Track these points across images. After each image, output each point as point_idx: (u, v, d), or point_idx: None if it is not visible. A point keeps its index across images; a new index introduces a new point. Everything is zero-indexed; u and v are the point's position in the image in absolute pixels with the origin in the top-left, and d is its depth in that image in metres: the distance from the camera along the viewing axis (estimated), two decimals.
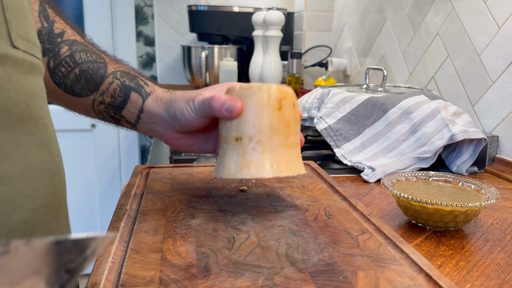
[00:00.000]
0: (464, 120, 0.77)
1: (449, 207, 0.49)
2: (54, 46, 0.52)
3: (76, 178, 2.05)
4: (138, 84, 0.54)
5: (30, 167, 0.33)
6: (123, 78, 0.53)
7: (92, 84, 0.52)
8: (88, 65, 0.52)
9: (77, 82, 0.52)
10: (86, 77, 0.52)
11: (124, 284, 0.36)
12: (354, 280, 0.37)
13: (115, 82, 0.53)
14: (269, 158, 0.45)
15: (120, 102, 0.53)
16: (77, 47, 0.53)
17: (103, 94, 0.53)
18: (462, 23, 0.95)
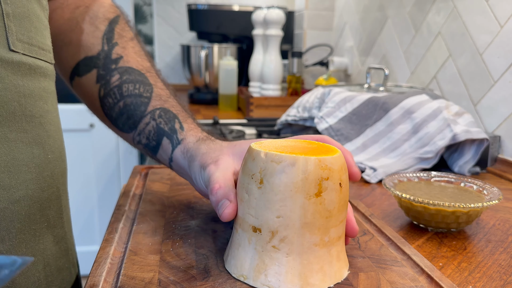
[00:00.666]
0: (466, 120, 0.77)
1: (451, 208, 0.49)
2: (106, 73, 0.50)
3: (74, 178, 2.05)
4: (172, 128, 0.48)
5: (15, 161, 0.36)
6: (159, 119, 0.49)
7: (132, 122, 0.50)
8: (132, 99, 0.49)
9: (121, 116, 0.50)
10: (128, 113, 0.50)
11: (123, 286, 0.35)
12: (356, 281, 0.37)
13: (151, 123, 0.49)
14: (296, 265, 0.34)
15: (153, 146, 0.49)
16: (128, 77, 0.50)
17: (140, 134, 0.50)
18: (463, 22, 0.95)
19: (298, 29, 1.82)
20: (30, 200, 0.38)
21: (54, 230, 0.43)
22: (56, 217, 0.43)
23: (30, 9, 0.38)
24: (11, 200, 0.36)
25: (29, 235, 0.38)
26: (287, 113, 1.02)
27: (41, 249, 0.41)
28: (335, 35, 1.69)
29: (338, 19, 1.66)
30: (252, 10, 1.74)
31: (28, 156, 0.37)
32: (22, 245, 0.38)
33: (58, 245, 0.44)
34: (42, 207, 0.40)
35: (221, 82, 1.55)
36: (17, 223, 0.37)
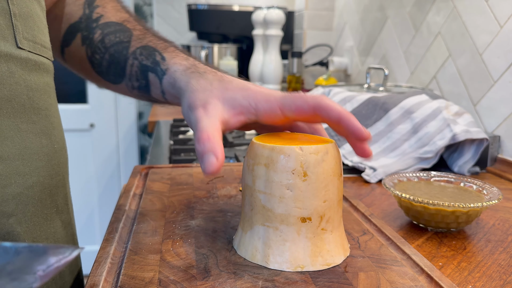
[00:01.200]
0: (466, 120, 0.77)
1: (450, 207, 0.49)
2: (89, 33, 0.51)
3: (75, 178, 2.05)
4: (154, 61, 0.47)
5: (28, 150, 0.38)
6: (141, 56, 0.48)
7: (119, 68, 0.50)
8: (114, 48, 0.50)
9: (109, 68, 0.50)
10: (114, 62, 0.50)
11: (123, 285, 0.35)
12: (355, 281, 0.37)
13: (135, 63, 0.49)
14: (338, 238, 0.39)
15: (144, 86, 0.49)
16: (109, 29, 0.50)
17: (130, 78, 0.50)
18: (463, 22, 0.95)
19: (298, 29, 1.82)
20: (41, 186, 0.40)
21: (61, 216, 0.44)
22: (63, 203, 0.45)
23: (32, 9, 0.40)
24: (25, 185, 0.38)
25: (41, 219, 0.41)
26: None
27: (52, 232, 0.42)
28: (335, 35, 1.70)
29: (338, 19, 1.66)
30: (252, 10, 1.74)
31: (37, 146, 0.39)
32: (36, 228, 0.40)
33: (65, 230, 0.45)
34: (51, 193, 0.42)
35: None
36: (31, 207, 0.39)
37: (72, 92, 2.01)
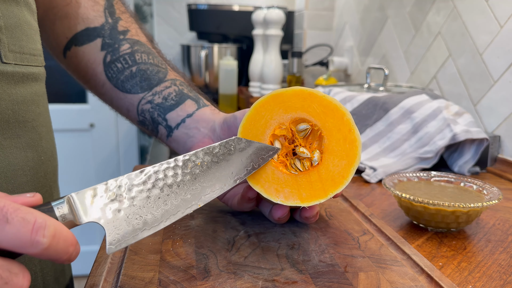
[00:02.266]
0: (466, 120, 0.77)
1: (450, 207, 0.49)
2: (114, 42, 0.51)
3: (75, 178, 2.05)
4: (197, 96, 0.52)
5: (11, 166, 0.38)
6: (182, 86, 0.52)
7: (147, 84, 0.51)
8: (147, 66, 0.51)
9: (131, 79, 0.51)
10: (142, 76, 0.51)
11: (123, 285, 0.35)
12: (355, 281, 0.37)
13: (172, 87, 0.52)
14: None
15: (170, 105, 0.51)
16: (139, 48, 0.52)
17: (155, 94, 0.51)
18: (463, 22, 0.95)
19: (298, 29, 1.82)
20: None
21: None
22: None
23: (21, 18, 0.39)
24: None
25: None
26: None
27: None
28: (335, 35, 1.70)
29: (338, 19, 1.66)
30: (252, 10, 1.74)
31: (22, 160, 0.39)
32: None
33: None
34: None
35: (221, 82, 1.55)
36: None
37: (72, 92, 2.01)
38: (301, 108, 0.41)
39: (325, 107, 0.40)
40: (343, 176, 0.39)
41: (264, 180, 0.40)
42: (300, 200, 0.39)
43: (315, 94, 0.41)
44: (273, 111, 0.41)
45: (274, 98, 0.41)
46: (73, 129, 1.99)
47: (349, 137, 0.40)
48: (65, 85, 2.02)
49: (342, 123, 0.40)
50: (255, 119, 0.41)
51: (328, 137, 0.40)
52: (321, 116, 0.40)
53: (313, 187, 0.39)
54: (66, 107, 1.96)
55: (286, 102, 0.41)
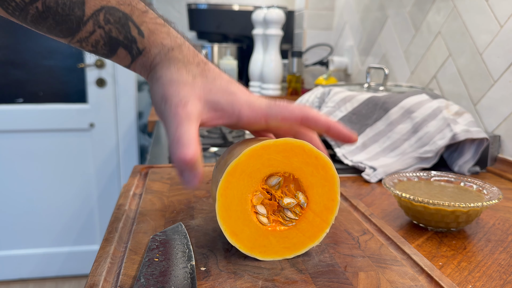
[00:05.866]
0: (466, 120, 0.77)
1: (450, 207, 0.49)
2: None
3: (74, 178, 2.05)
4: (129, 36, 0.40)
5: None
6: (108, 25, 0.39)
7: (65, 28, 0.39)
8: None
9: (42, 20, 0.38)
10: (54, 17, 0.38)
11: (123, 285, 0.35)
12: (355, 281, 0.37)
13: (97, 31, 0.39)
14: None
15: (104, 54, 0.41)
16: None
17: (81, 41, 0.40)
18: (463, 21, 0.95)
19: (298, 28, 1.82)
20: None
21: None
22: None
23: None
24: None
25: None
26: None
27: None
28: (335, 35, 1.69)
29: (338, 19, 1.66)
30: (252, 9, 1.74)
31: None
32: None
33: None
34: None
35: None
36: None
37: (72, 92, 2.01)
38: (261, 165, 0.38)
39: (280, 152, 0.39)
40: (333, 199, 0.41)
41: (273, 248, 0.40)
42: (310, 242, 0.40)
43: (264, 145, 0.38)
44: (238, 184, 0.38)
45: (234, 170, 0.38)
46: (73, 129, 1.99)
47: (318, 163, 0.40)
48: (65, 85, 2.02)
49: (304, 154, 0.39)
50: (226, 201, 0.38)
51: (300, 175, 0.40)
52: (282, 161, 0.39)
53: (314, 224, 0.41)
54: (66, 107, 1.96)
55: (246, 170, 0.38)
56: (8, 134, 1.94)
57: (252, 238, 0.39)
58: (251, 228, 0.39)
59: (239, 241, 0.39)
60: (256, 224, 0.39)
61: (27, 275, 2.06)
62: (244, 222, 0.39)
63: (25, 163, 1.98)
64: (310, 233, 0.41)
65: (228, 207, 0.38)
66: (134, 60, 0.41)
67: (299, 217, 0.41)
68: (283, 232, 0.40)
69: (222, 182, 0.38)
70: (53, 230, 2.06)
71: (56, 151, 2.00)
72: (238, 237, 0.39)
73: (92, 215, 2.11)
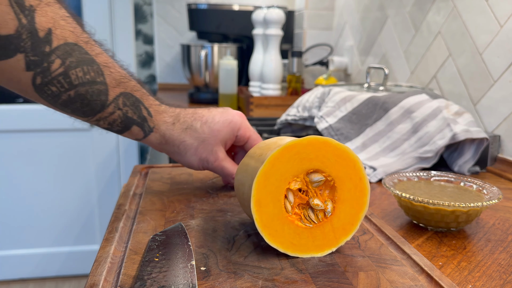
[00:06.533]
0: (466, 120, 0.77)
1: (450, 207, 0.49)
2: (42, 60, 0.42)
3: (74, 178, 2.05)
4: (141, 116, 0.50)
5: None
6: (125, 108, 0.49)
7: (89, 109, 0.47)
8: (86, 88, 0.45)
9: (71, 104, 0.46)
10: (83, 101, 0.46)
11: (123, 285, 0.35)
12: (355, 281, 0.37)
13: (116, 112, 0.48)
14: None
15: (117, 131, 0.51)
16: (71, 60, 0.43)
17: (99, 120, 0.49)
18: (463, 21, 0.95)
19: (298, 28, 1.82)
20: None
21: None
22: None
23: None
24: None
25: None
26: (287, 112, 1.02)
27: None
28: (335, 35, 1.69)
29: (338, 19, 1.66)
30: (252, 9, 1.74)
31: None
32: None
33: None
34: None
35: (221, 82, 1.55)
36: None
37: None
38: (315, 158, 0.41)
39: (338, 156, 0.41)
40: (353, 223, 0.42)
41: (281, 237, 0.40)
42: (314, 251, 0.41)
43: (329, 143, 0.41)
44: (287, 164, 0.40)
45: (289, 150, 0.40)
46: (73, 129, 1.99)
47: (360, 185, 0.42)
48: None
49: (354, 171, 0.41)
50: (269, 174, 0.40)
51: (340, 186, 0.41)
52: (335, 165, 0.41)
53: (326, 237, 0.41)
54: None
55: (301, 154, 0.40)
56: (8, 134, 1.94)
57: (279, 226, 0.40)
58: (281, 217, 0.40)
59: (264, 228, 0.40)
60: (283, 212, 0.41)
61: (27, 275, 2.06)
62: (275, 207, 0.40)
63: (25, 163, 1.98)
64: (318, 244, 0.41)
65: (263, 190, 0.40)
66: (147, 136, 0.52)
67: (318, 223, 0.41)
68: (298, 228, 0.41)
69: (267, 163, 0.40)
70: (53, 230, 2.06)
71: (56, 151, 2.00)
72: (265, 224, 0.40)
73: (92, 215, 2.11)
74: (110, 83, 0.47)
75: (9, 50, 0.40)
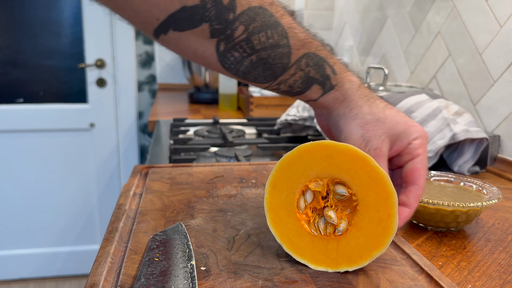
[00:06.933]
0: (466, 120, 0.77)
1: (450, 207, 0.49)
2: (226, 27, 0.42)
3: (75, 178, 2.05)
4: (324, 74, 0.46)
5: None
6: (308, 68, 0.45)
7: (270, 73, 0.45)
8: (268, 52, 0.44)
9: (253, 70, 0.45)
10: (264, 66, 0.44)
11: (123, 285, 0.35)
12: (355, 281, 0.37)
13: (298, 73, 0.45)
14: None
15: (296, 92, 0.47)
16: (255, 25, 0.42)
17: (280, 84, 0.46)
18: (463, 21, 0.95)
19: None
20: None
21: None
22: None
23: None
24: None
25: None
26: (287, 112, 1.02)
27: None
28: (335, 35, 1.70)
29: (338, 19, 1.66)
30: None
31: None
32: None
33: None
34: None
35: (221, 82, 1.55)
36: None
37: (72, 92, 2.01)
38: (346, 170, 0.37)
39: (372, 180, 0.37)
40: (362, 257, 0.37)
41: (283, 227, 0.39)
42: (309, 260, 0.38)
43: (367, 161, 0.37)
44: (316, 161, 0.38)
45: (322, 149, 0.38)
46: (73, 129, 1.99)
47: (385, 222, 0.36)
48: (66, 85, 2.02)
49: (385, 205, 0.36)
50: (295, 162, 0.38)
51: (362, 213, 0.37)
52: (365, 187, 0.37)
53: (327, 254, 0.38)
54: (66, 107, 1.96)
55: (333, 158, 0.38)
56: (8, 134, 1.94)
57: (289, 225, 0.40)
58: (293, 219, 0.39)
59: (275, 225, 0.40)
60: (296, 216, 0.40)
61: (27, 275, 2.06)
62: (289, 207, 0.39)
63: (25, 163, 1.98)
64: (315, 255, 0.39)
65: (282, 175, 0.39)
66: (326, 93, 0.47)
67: (322, 236, 0.39)
68: (302, 229, 0.39)
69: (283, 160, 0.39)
70: (53, 230, 2.06)
71: (56, 151, 2.00)
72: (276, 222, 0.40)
73: (92, 215, 2.11)
74: (294, 45, 0.45)
75: (194, 20, 0.41)
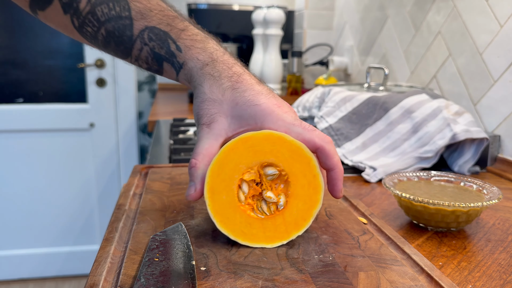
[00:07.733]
0: (466, 120, 0.77)
1: (450, 207, 0.49)
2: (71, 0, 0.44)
3: (74, 178, 2.05)
4: (169, 51, 0.45)
5: None
6: (152, 42, 0.45)
7: (123, 48, 0.46)
8: (112, 24, 0.44)
9: (108, 45, 0.46)
10: (114, 40, 0.45)
11: (123, 285, 0.35)
12: (355, 281, 0.37)
13: (144, 49, 0.45)
14: None
15: (156, 70, 0.47)
16: None
17: (137, 60, 0.47)
18: (463, 21, 0.95)
19: (298, 28, 1.82)
20: None
21: None
22: None
23: None
24: None
25: None
26: None
27: None
28: (335, 35, 1.69)
29: (338, 19, 1.66)
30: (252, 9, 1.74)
31: None
32: None
33: None
34: None
35: None
36: None
37: (72, 92, 2.01)
38: (270, 152, 0.42)
39: (293, 152, 0.42)
40: (305, 219, 0.42)
41: (232, 224, 0.42)
42: (265, 242, 0.42)
43: (284, 139, 0.41)
44: (242, 155, 0.41)
45: (244, 142, 0.41)
46: (73, 128, 1.99)
47: (313, 182, 0.42)
48: (65, 85, 2.02)
49: (308, 168, 0.42)
50: (224, 163, 0.41)
51: (293, 182, 0.42)
52: (289, 161, 0.42)
53: (278, 229, 0.42)
54: (66, 107, 1.96)
55: (256, 146, 0.41)
56: (8, 134, 1.94)
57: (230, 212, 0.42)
58: (232, 203, 0.42)
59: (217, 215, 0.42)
60: (236, 200, 0.42)
61: (27, 275, 2.06)
62: (228, 194, 0.42)
63: (25, 163, 1.98)
64: (268, 235, 0.42)
65: (217, 178, 0.41)
66: (178, 73, 0.46)
67: (269, 215, 0.42)
68: (250, 218, 0.42)
69: (220, 153, 0.41)
70: (53, 230, 2.06)
71: (56, 151, 2.00)
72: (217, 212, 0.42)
73: (92, 215, 2.11)
74: (135, 17, 0.45)
75: None
